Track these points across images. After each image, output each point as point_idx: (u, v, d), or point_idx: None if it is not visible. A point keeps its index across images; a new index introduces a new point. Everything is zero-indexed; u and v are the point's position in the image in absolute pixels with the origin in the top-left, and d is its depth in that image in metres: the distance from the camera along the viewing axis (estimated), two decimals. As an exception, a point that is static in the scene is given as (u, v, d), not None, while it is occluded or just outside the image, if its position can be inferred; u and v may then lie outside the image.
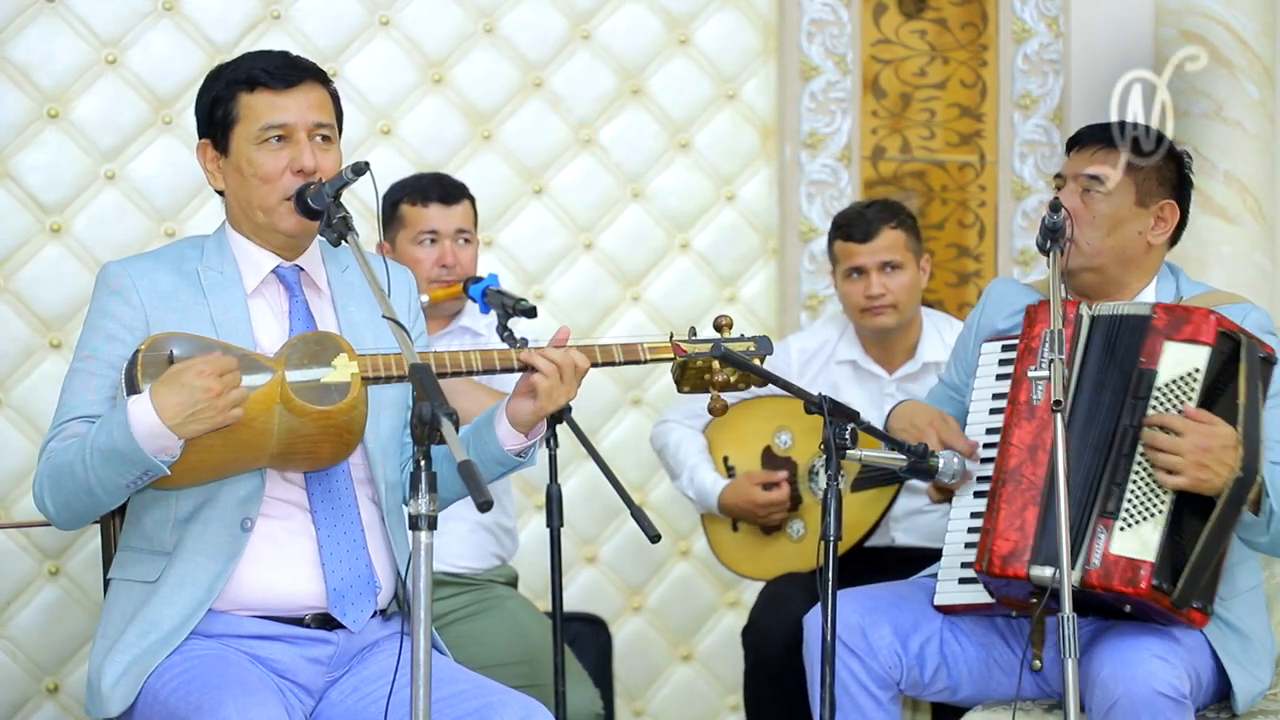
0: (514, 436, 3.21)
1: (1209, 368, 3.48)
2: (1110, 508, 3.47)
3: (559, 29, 5.31)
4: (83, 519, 3.09)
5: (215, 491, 3.10)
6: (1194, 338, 3.50)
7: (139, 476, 2.95)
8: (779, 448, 4.56)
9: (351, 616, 3.14)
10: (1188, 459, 3.41)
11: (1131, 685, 3.34)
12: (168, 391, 2.90)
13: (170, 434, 2.90)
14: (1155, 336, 3.52)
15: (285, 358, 3.01)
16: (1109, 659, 3.41)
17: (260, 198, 3.16)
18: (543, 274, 5.30)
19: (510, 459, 3.23)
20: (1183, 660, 3.42)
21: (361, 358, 3.04)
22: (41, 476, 3.05)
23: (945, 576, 3.67)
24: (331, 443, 3.04)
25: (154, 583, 3.10)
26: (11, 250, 4.95)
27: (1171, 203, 3.70)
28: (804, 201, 5.40)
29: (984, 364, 3.74)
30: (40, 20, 4.97)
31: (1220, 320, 3.50)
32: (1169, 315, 3.54)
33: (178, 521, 3.11)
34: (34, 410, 4.91)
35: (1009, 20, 5.51)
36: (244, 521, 3.11)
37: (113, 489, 2.98)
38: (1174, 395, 3.49)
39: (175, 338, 3.03)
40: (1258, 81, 5.31)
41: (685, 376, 3.27)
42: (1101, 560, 3.43)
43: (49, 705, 4.93)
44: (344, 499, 3.16)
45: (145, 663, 3.06)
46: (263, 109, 3.16)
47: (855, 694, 3.61)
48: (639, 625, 5.34)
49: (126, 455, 2.91)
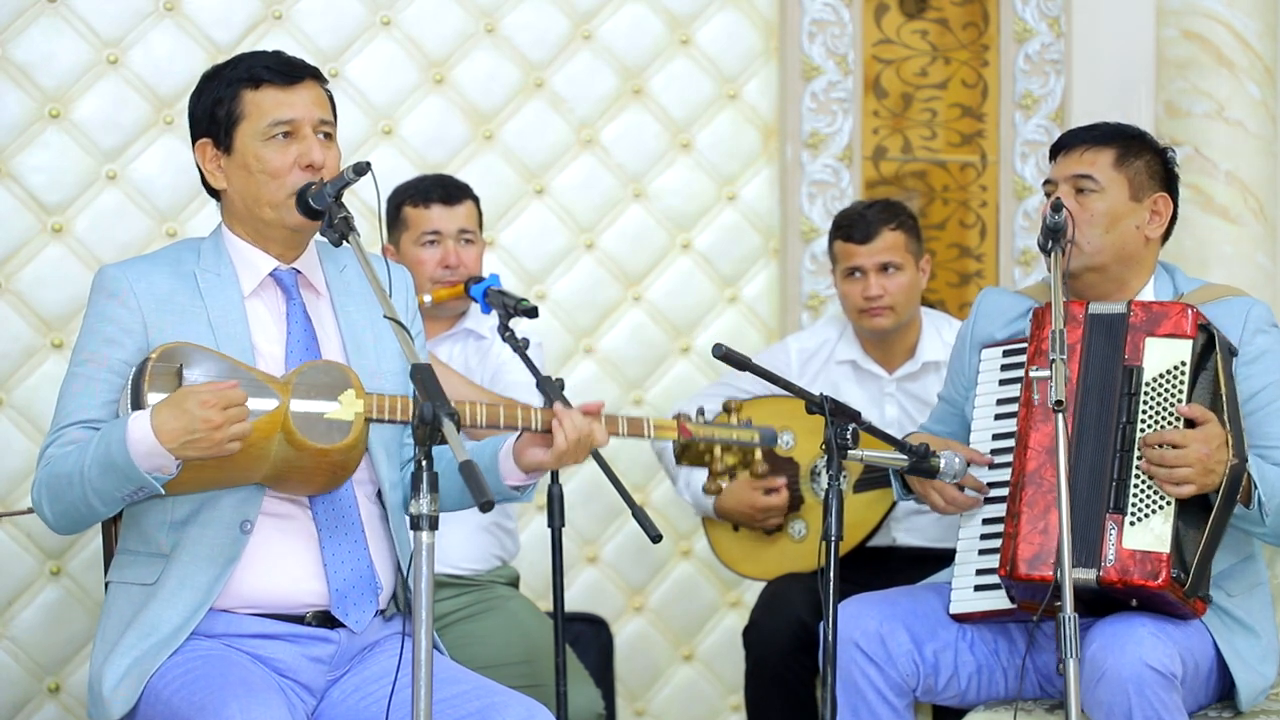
0: (517, 475, 3.19)
1: (1192, 360, 3.50)
2: (1119, 504, 3.48)
3: (560, 29, 5.31)
4: (81, 526, 3.10)
5: (214, 495, 3.10)
6: (1175, 331, 3.53)
7: (134, 491, 2.96)
8: (780, 448, 4.55)
9: (354, 617, 3.14)
10: (1196, 469, 3.44)
11: (1120, 656, 3.35)
12: (169, 415, 2.90)
13: (166, 454, 2.91)
14: (1135, 333, 3.55)
15: (293, 386, 3.00)
16: (1099, 634, 3.42)
17: (269, 194, 3.16)
18: (544, 274, 5.30)
19: (508, 493, 3.22)
20: (1176, 642, 3.43)
21: (368, 396, 3.03)
22: (40, 484, 3.06)
23: (960, 584, 3.66)
24: (325, 476, 3.04)
25: (152, 585, 3.10)
26: (13, 250, 4.95)
27: (1164, 195, 3.72)
28: (805, 201, 5.40)
29: (985, 371, 3.74)
30: (42, 20, 4.97)
31: (1196, 314, 3.53)
32: (1146, 312, 3.56)
33: (175, 524, 3.11)
34: (35, 410, 4.91)
35: (1010, 20, 5.51)
36: (243, 524, 3.10)
37: (109, 500, 2.99)
38: (1164, 390, 3.52)
39: (187, 349, 3.02)
40: (1259, 81, 5.31)
41: (685, 454, 3.27)
42: (1116, 556, 3.44)
43: (50, 705, 4.93)
44: (344, 499, 3.16)
45: (146, 665, 3.06)
46: (269, 106, 3.16)
47: (873, 701, 3.60)
48: (640, 625, 5.34)
49: (122, 470, 2.93)
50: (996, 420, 3.69)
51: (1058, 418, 3.33)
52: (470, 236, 4.43)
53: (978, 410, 3.73)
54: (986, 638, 3.69)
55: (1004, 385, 3.70)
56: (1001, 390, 3.70)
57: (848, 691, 3.58)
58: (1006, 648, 3.70)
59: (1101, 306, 3.61)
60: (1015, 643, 3.70)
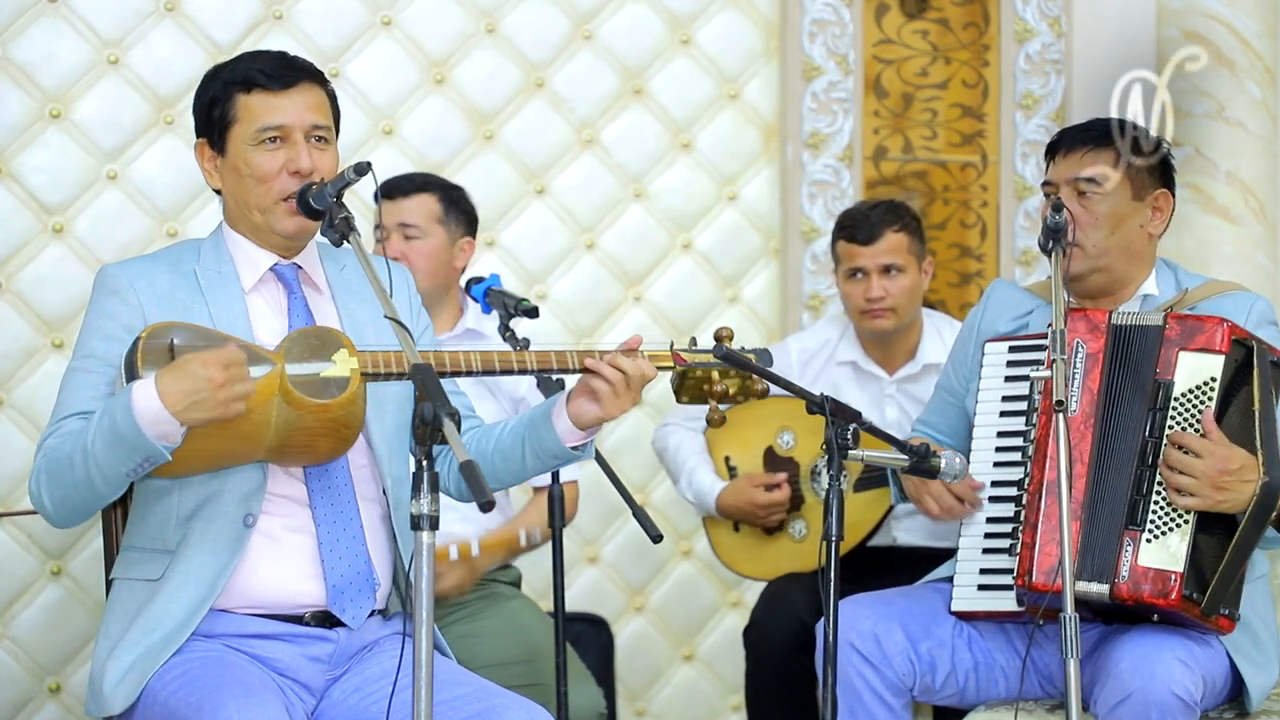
0: (574, 435, 3.20)
1: (1224, 376, 3.48)
2: (1136, 520, 3.47)
3: (561, 29, 5.31)
4: (79, 514, 3.07)
5: (218, 488, 3.10)
6: (1208, 346, 3.49)
7: (140, 463, 2.94)
8: (781, 448, 4.56)
9: (350, 613, 3.14)
10: (1202, 481, 3.43)
11: (1149, 682, 3.35)
12: (173, 379, 2.90)
13: (172, 419, 2.89)
14: (1169, 347, 3.52)
15: (285, 351, 3.01)
16: (1129, 654, 3.41)
17: (257, 198, 3.17)
18: (544, 274, 5.30)
19: (569, 454, 3.23)
20: (1201, 666, 3.43)
21: (361, 354, 3.04)
22: (39, 472, 3.05)
23: (963, 582, 3.66)
24: (329, 437, 3.03)
25: (157, 580, 3.10)
26: (13, 250, 4.95)
27: (1165, 191, 3.72)
28: (806, 201, 5.40)
29: (989, 364, 3.72)
30: (42, 20, 4.97)
31: (1233, 328, 3.50)
32: (1181, 325, 3.54)
33: (181, 519, 3.11)
34: (36, 410, 4.92)
35: (1011, 20, 5.51)
36: (246, 517, 3.11)
37: (112, 478, 2.97)
38: (1192, 405, 3.49)
39: (176, 327, 3.02)
40: (1260, 81, 5.31)
41: (684, 386, 3.25)
42: (1130, 572, 3.44)
43: (51, 705, 4.93)
44: (343, 495, 3.16)
45: (148, 663, 3.06)
46: (259, 110, 3.16)
47: (869, 702, 3.60)
48: (641, 625, 5.34)
49: (128, 440, 2.91)
50: (1001, 418, 3.69)
51: (1058, 418, 3.32)
52: (413, 232, 4.40)
53: (981, 406, 3.72)
54: (985, 636, 3.69)
55: (1009, 383, 3.68)
56: (1007, 387, 3.69)
57: (844, 692, 3.58)
58: (1005, 647, 3.70)
59: (1137, 317, 3.58)
60: (1014, 642, 3.69)
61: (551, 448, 3.21)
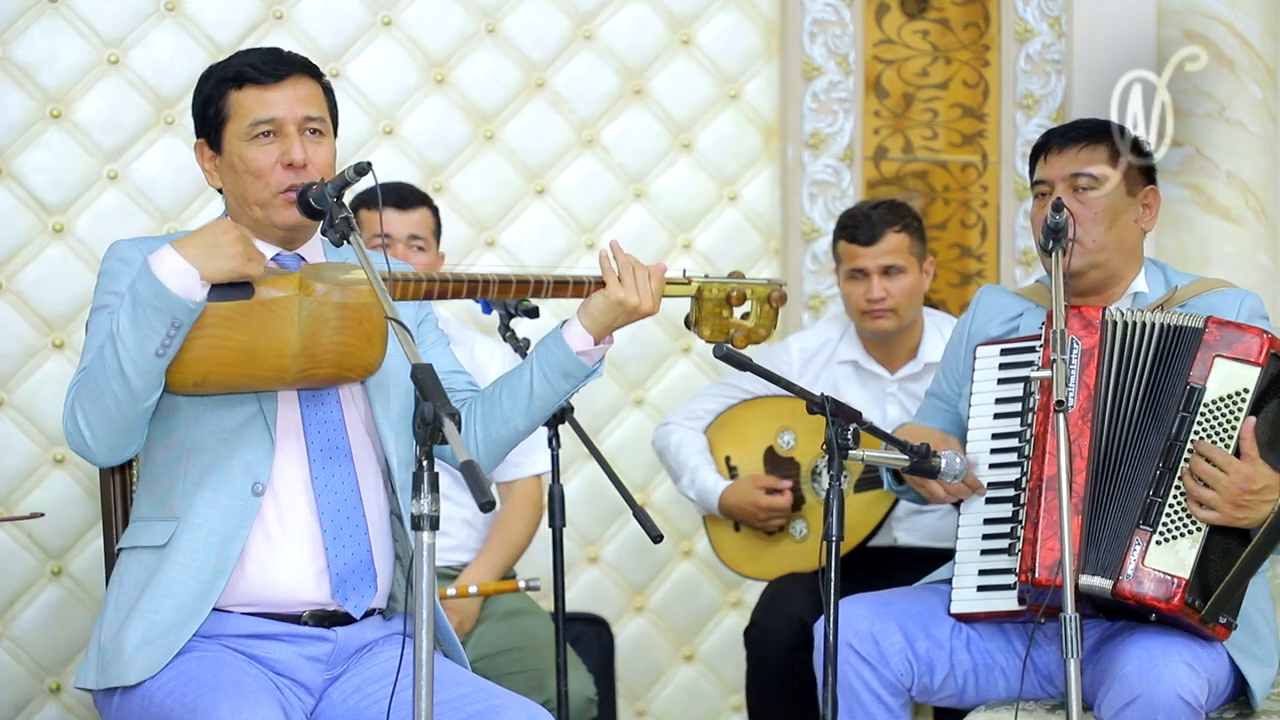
0: (584, 339, 3.23)
1: (1257, 388, 3.47)
2: (1150, 520, 3.47)
3: (561, 29, 5.31)
4: (118, 433, 3.02)
5: (225, 455, 3.10)
6: (1245, 356, 3.48)
7: (168, 332, 2.92)
8: (782, 448, 4.56)
9: (354, 601, 3.14)
10: (1224, 497, 3.42)
11: (1155, 685, 3.35)
12: (188, 239, 2.97)
13: (191, 268, 2.92)
14: (1207, 351, 3.51)
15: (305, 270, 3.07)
16: (1135, 657, 3.41)
17: (254, 193, 3.17)
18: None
19: (580, 367, 3.23)
20: (1206, 669, 3.43)
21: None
22: (72, 402, 3.02)
23: (961, 584, 3.66)
24: (354, 335, 3.04)
25: (163, 547, 3.08)
26: (14, 250, 4.95)
27: (1153, 188, 3.75)
28: (806, 202, 5.40)
29: (981, 369, 3.72)
30: (43, 20, 4.97)
31: (1272, 340, 3.50)
32: (1221, 330, 3.52)
33: (188, 487, 3.10)
34: (36, 410, 4.92)
35: (1011, 20, 5.51)
36: (255, 485, 3.10)
37: (143, 363, 2.93)
38: (1221, 413, 3.48)
39: None
40: (1260, 81, 5.31)
41: (703, 316, 3.26)
42: (1135, 571, 3.44)
43: (52, 705, 4.93)
44: (346, 484, 3.15)
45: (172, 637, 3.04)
46: (251, 105, 3.16)
47: (867, 702, 3.60)
48: (641, 625, 5.34)
49: (151, 302, 2.91)
50: (996, 420, 3.69)
51: (1059, 418, 3.32)
52: (421, 244, 4.45)
53: (974, 409, 3.72)
54: (984, 637, 3.69)
55: (1003, 385, 3.69)
56: (1000, 390, 3.69)
57: (842, 692, 3.58)
58: (1005, 647, 3.70)
59: (1176, 318, 3.56)
60: (1014, 642, 3.69)
61: (562, 362, 3.22)
